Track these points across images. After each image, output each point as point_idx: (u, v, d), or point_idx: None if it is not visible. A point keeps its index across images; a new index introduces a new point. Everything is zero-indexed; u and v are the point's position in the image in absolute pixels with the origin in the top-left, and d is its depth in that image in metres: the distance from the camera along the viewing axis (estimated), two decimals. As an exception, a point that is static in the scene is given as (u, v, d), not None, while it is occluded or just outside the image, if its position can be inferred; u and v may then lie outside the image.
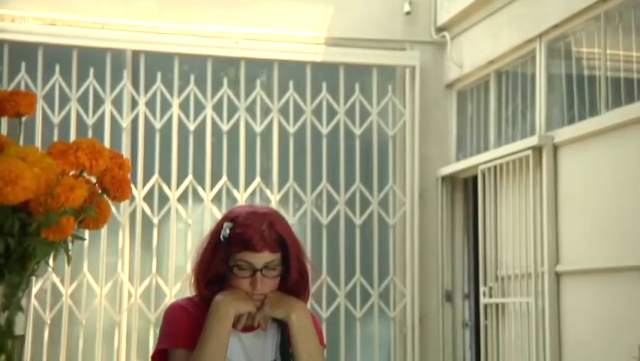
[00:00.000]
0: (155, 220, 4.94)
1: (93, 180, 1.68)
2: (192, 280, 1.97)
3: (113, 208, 4.18)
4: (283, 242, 1.90)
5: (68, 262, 1.64)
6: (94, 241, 4.77)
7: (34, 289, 4.56)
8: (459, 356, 5.20)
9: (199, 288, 1.96)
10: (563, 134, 4.27)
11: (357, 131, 5.28)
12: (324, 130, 5.24)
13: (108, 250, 4.84)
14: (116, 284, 4.86)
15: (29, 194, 1.41)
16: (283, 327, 1.92)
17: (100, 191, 1.64)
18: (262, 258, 1.87)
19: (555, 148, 4.31)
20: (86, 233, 1.87)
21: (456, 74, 5.27)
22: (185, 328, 1.91)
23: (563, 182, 4.25)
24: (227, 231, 1.90)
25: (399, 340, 5.14)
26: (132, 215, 4.92)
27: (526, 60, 4.74)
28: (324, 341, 1.98)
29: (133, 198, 4.88)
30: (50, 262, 1.63)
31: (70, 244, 1.64)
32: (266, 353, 1.93)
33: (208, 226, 2.45)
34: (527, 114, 4.74)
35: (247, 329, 1.92)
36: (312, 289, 2.01)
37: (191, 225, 4.96)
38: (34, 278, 1.71)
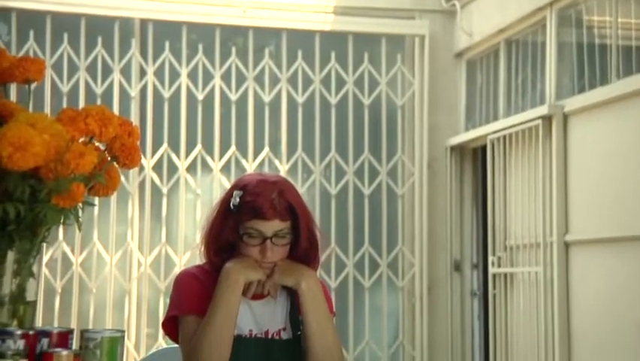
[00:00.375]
0: (165, 190, 4.95)
1: (102, 147, 1.68)
2: (202, 248, 1.98)
3: (122, 178, 4.20)
4: (293, 210, 1.91)
5: (79, 229, 1.65)
6: (103, 210, 4.79)
7: (45, 258, 4.60)
8: (467, 326, 5.22)
9: (209, 256, 1.97)
10: (573, 103, 4.24)
11: (366, 101, 5.26)
12: (333, 100, 5.22)
13: (118, 220, 4.86)
14: (126, 253, 4.89)
15: (39, 160, 1.42)
16: (292, 295, 1.93)
17: (109, 158, 1.65)
18: (272, 226, 1.88)
19: (565, 117, 4.28)
20: (96, 201, 1.88)
21: (465, 43, 5.23)
22: (195, 295, 1.93)
23: (573, 151, 4.23)
24: (237, 199, 1.91)
25: (407, 309, 5.17)
26: (141, 185, 4.94)
27: (537, 29, 4.69)
28: (334, 309, 1.99)
29: (142, 168, 4.89)
30: (61, 228, 1.64)
31: (80, 211, 1.65)
32: (275, 320, 1.94)
33: (217, 196, 2.46)
34: (537, 83, 4.71)
35: (257, 296, 1.93)
36: (322, 258, 2.02)
37: (200, 194, 4.98)
38: (44, 246, 1.72)
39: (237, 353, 1.90)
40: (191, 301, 1.94)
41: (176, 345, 2.06)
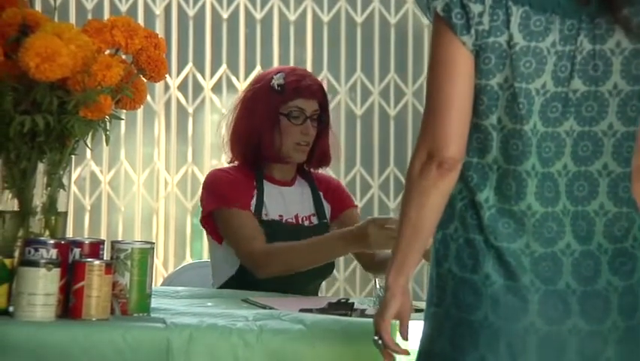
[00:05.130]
0: (190, 109, 4.97)
1: (129, 60, 1.69)
2: (229, 146, 2.05)
3: (148, 97, 4.20)
4: (323, 92, 2.04)
5: (107, 142, 1.68)
6: (130, 129, 4.84)
7: (74, 176, 4.67)
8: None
9: (239, 149, 2.04)
10: None
11: (393, 20, 5.19)
12: (359, 19, 5.16)
13: (144, 140, 4.91)
14: (153, 173, 4.96)
15: (66, 71, 1.43)
16: (312, 184, 2.01)
17: (136, 71, 1.65)
18: (311, 105, 1.98)
19: None
20: (123, 115, 1.89)
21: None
22: (230, 187, 1.99)
23: None
24: (282, 80, 1.97)
25: (431, 230, 5.20)
26: (167, 104, 4.96)
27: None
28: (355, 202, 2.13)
29: (167, 87, 4.90)
30: (89, 142, 1.66)
31: (108, 124, 1.66)
32: (304, 205, 2.02)
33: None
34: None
35: (285, 182, 1.99)
36: (345, 180, 2.16)
37: (225, 114, 4.99)
38: (73, 163, 1.75)
39: (269, 238, 1.97)
40: (226, 194, 2.00)
41: (202, 260, 2.12)
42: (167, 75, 1.76)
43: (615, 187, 1.48)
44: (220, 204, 2.02)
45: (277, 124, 2.03)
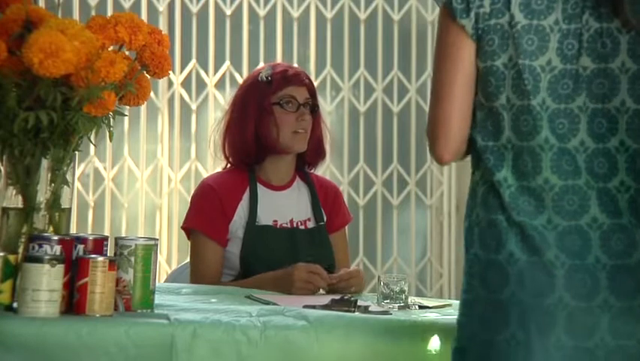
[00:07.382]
0: (194, 106, 4.97)
1: (132, 56, 1.69)
2: (226, 147, 2.05)
3: (152, 94, 4.21)
4: (310, 80, 2.06)
5: (110, 138, 1.68)
6: (133, 126, 4.84)
7: (77, 173, 4.68)
8: (494, 243, 5.25)
9: (231, 152, 2.04)
10: None
11: (396, 16, 5.18)
12: (362, 15, 5.15)
13: (147, 136, 4.91)
14: (157, 169, 4.96)
15: (70, 67, 1.43)
16: (312, 187, 2.00)
17: (139, 67, 1.65)
18: (303, 93, 1.99)
19: None
20: (127, 111, 1.90)
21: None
22: (208, 209, 1.99)
23: None
24: (269, 71, 1.98)
25: (435, 227, 5.21)
26: (170, 101, 4.97)
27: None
28: (348, 215, 2.10)
29: (171, 84, 4.90)
30: (92, 138, 1.66)
31: (111, 120, 1.67)
32: (300, 210, 2.02)
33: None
34: None
35: (279, 187, 1.99)
36: (349, 177, 2.15)
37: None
38: (77, 159, 1.75)
39: (263, 244, 1.97)
40: (204, 218, 2.01)
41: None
42: (170, 71, 1.77)
43: (633, 163, 1.48)
44: (195, 225, 2.06)
45: (271, 115, 2.05)
